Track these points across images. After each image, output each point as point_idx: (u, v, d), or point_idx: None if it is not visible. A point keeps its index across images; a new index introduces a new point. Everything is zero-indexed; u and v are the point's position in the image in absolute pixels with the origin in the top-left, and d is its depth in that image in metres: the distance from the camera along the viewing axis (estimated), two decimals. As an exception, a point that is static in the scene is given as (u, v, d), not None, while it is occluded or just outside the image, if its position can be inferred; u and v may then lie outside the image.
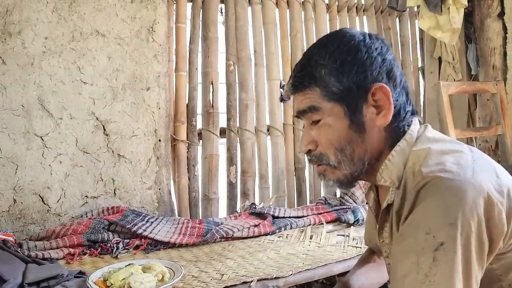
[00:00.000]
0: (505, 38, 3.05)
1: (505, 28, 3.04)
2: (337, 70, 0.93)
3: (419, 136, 0.95)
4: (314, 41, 1.05)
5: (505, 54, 3.05)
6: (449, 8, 2.83)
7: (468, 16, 3.16)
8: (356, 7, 3.06)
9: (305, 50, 1.03)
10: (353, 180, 0.99)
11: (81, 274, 1.48)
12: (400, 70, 0.99)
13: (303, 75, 0.97)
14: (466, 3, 2.79)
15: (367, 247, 1.35)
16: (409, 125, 0.97)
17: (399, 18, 3.29)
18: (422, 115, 3.27)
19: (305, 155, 1.03)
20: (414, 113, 0.99)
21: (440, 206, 0.78)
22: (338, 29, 1.15)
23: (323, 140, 0.97)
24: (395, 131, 0.96)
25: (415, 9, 3.32)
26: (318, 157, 0.99)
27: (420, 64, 3.41)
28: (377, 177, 0.95)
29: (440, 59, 3.24)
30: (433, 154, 0.88)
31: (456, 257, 0.76)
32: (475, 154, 0.89)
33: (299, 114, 1.00)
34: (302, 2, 2.85)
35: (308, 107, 0.96)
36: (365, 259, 1.29)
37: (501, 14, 3.04)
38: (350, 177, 0.98)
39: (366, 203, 1.17)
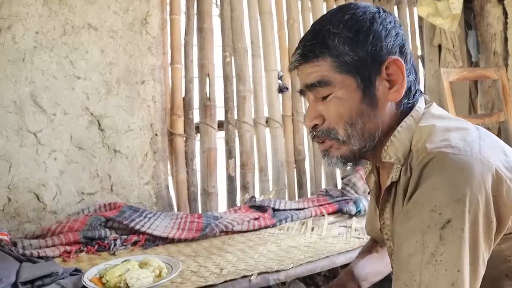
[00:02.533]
0: (505, 23, 3.01)
1: (505, 13, 2.99)
2: (351, 39, 0.89)
3: (424, 113, 0.92)
4: None
5: (506, 39, 3.01)
6: (448, -7, 2.78)
7: (468, 1, 3.11)
8: (354, -5, 3.01)
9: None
10: (360, 156, 0.94)
11: (76, 271, 1.44)
12: (409, 47, 0.96)
13: (314, 44, 0.91)
14: (465, -12, 2.74)
15: (369, 237, 1.32)
16: (417, 102, 0.94)
17: (397, 6, 3.24)
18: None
19: (310, 132, 0.97)
20: (421, 92, 0.97)
21: (446, 182, 0.74)
22: (349, 2, 1.11)
23: (332, 114, 0.91)
24: (405, 108, 0.93)
25: (414, -4, 3.27)
26: (325, 132, 0.93)
27: (419, 52, 3.36)
28: (382, 154, 0.92)
29: (440, 46, 3.20)
30: (437, 131, 0.85)
31: (464, 235, 0.72)
32: (482, 131, 0.86)
33: (306, 88, 0.93)
34: (299, -9, 2.80)
35: (317, 80, 0.90)
36: (368, 249, 1.25)
37: (501, -1, 2.99)
38: (358, 153, 0.93)
39: (369, 193, 1.13)
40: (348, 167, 1.01)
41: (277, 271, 1.49)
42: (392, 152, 0.90)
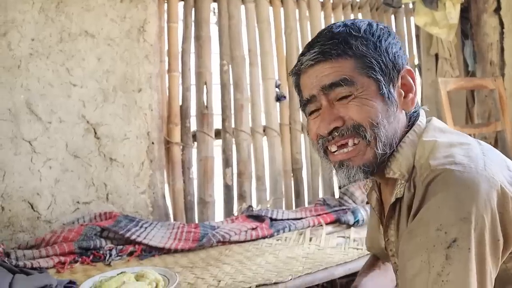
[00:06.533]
0: (502, 33, 3.02)
1: (501, 23, 3.01)
2: (374, 44, 0.88)
3: (426, 126, 0.91)
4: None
5: (502, 49, 3.02)
6: (445, 3, 2.79)
7: (464, 11, 3.12)
8: (351, 4, 3.01)
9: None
10: (377, 166, 0.88)
11: (71, 283, 1.41)
12: None
13: (335, 43, 0.87)
14: (462, -2, 2.76)
15: (368, 251, 1.29)
16: (418, 114, 0.94)
17: (394, 15, 3.25)
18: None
19: (322, 139, 0.90)
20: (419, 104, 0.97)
21: (452, 200, 0.73)
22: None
23: (356, 112, 0.86)
24: (411, 119, 0.93)
25: (410, 5, 3.28)
26: (352, 129, 0.86)
27: (416, 62, 3.37)
28: (385, 170, 0.90)
29: (436, 55, 3.20)
30: (440, 147, 0.84)
31: (470, 254, 0.71)
32: (484, 147, 0.86)
33: (324, 89, 0.88)
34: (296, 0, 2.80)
35: (341, 79, 0.86)
36: (370, 265, 1.23)
37: (498, 9, 3.01)
38: (377, 161, 0.87)
39: (367, 203, 1.11)
40: (364, 180, 0.94)
41: (275, 283, 1.47)
42: (396, 167, 0.88)
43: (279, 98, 2.66)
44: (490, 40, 3.05)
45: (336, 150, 0.89)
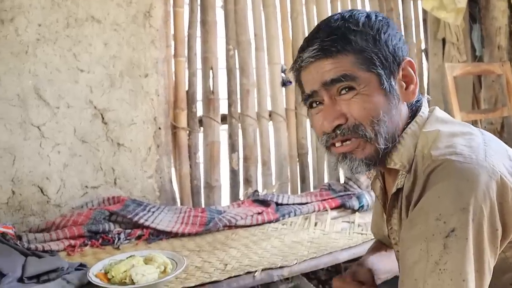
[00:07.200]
0: (510, 17, 2.99)
1: (510, 7, 2.97)
2: (374, 38, 0.88)
3: (428, 117, 0.92)
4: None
5: (510, 33, 2.99)
6: (453, -13, 2.76)
7: (473, -5, 3.08)
8: (358, -12, 2.98)
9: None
10: (380, 158, 0.90)
11: (81, 266, 1.45)
12: None
13: (335, 39, 0.87)
14: (471, -19, 2.72)
15: (374, 237, 1.32)
16: (420, 104, 0.94)
17: (401, -1, 3.21)
18: (426, 98, 3.22)
19: (326, 134, 0.91)
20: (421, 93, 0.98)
21: (452, 191, 0.75)
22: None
23: (357, 110, 0.87)
24: (413, 109, 0.94)
25: (418, -11, 3.24)
26: (352, 129, 0.87)
27: (423, 46, 3.34)
28: (387, 160, 0.91)
29: (444, 40, 3.17)
30: (442, 137, 0.85)
31: (468, 244, 0.73)
32: (486, 136, 0.87)
33: (325, 85, 0.88)
34: (303, -17, 2.77)
35: (342, 75, 0.86)
36: (376, 248, 1.25)
37: (507, -7, 2.97)
38: (380, 155, 0.89)
39: (371, 189, 1.12)
40: (368, 172, 0.97)
41: (281, 267, 1.50)
42: (397, 158, 0.89)
43: (285, 83, 2.65)
44: (498, 24, 3.02)
45: (341, 145, 0.91)
